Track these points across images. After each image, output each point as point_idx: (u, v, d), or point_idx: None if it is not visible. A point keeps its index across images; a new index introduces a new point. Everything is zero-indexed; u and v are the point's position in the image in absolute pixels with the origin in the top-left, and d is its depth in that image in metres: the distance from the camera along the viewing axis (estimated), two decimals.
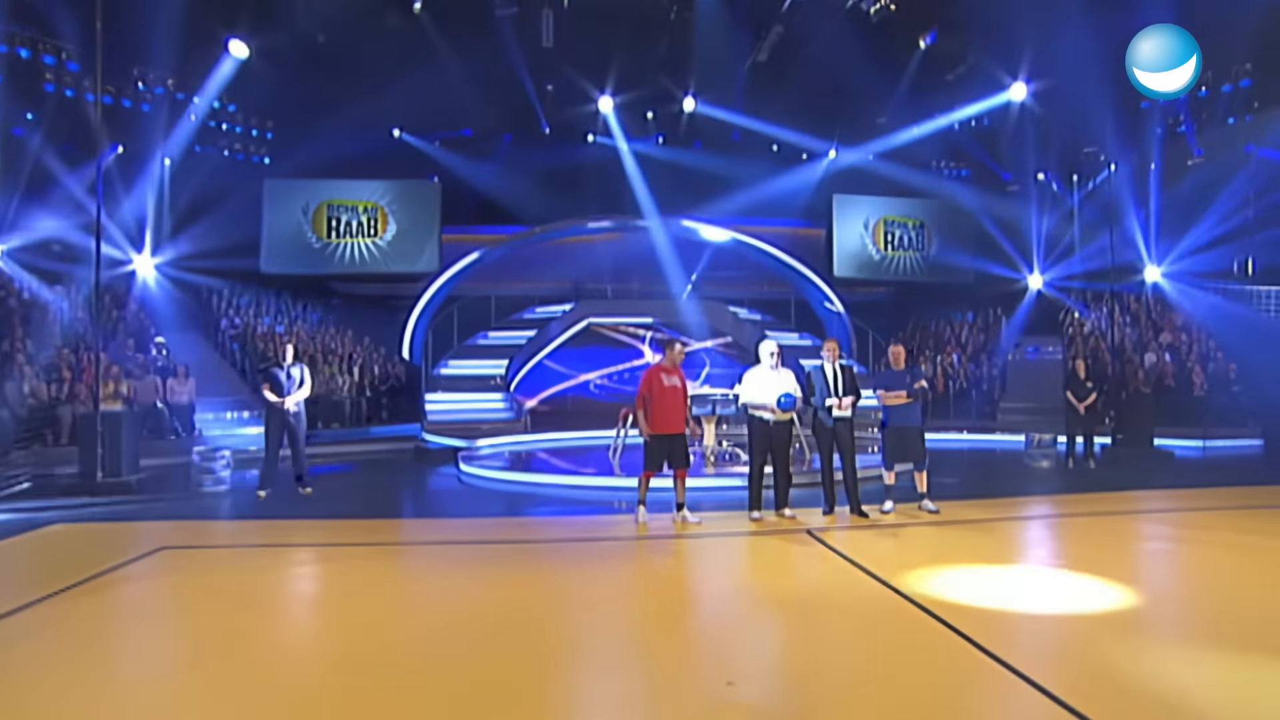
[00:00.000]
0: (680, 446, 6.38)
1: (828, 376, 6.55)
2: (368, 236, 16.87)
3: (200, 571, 5.03)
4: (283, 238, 16.28)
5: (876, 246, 18.83)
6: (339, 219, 16.64)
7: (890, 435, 6.83)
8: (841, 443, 6.52)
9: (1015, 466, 10.10)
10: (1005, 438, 12.84)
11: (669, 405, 6.34)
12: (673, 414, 6.34)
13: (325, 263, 16.67)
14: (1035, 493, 8.31)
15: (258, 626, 3.88)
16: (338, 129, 15.06)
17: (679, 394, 6.43)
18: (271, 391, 7.85)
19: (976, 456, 11.74)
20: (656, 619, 4.07)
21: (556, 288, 17.94)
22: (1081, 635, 3.69)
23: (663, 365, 6.49)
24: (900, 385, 6.77)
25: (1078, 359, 10.24)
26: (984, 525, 6.37)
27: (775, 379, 6.48)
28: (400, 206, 16.98)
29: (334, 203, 16.60)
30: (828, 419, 6.52)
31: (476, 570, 5.06)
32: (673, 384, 6.40)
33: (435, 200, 17.02)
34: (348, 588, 4.69)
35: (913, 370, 6.95)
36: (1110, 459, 10.02)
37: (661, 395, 6.34)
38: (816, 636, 3.78)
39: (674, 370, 6.48)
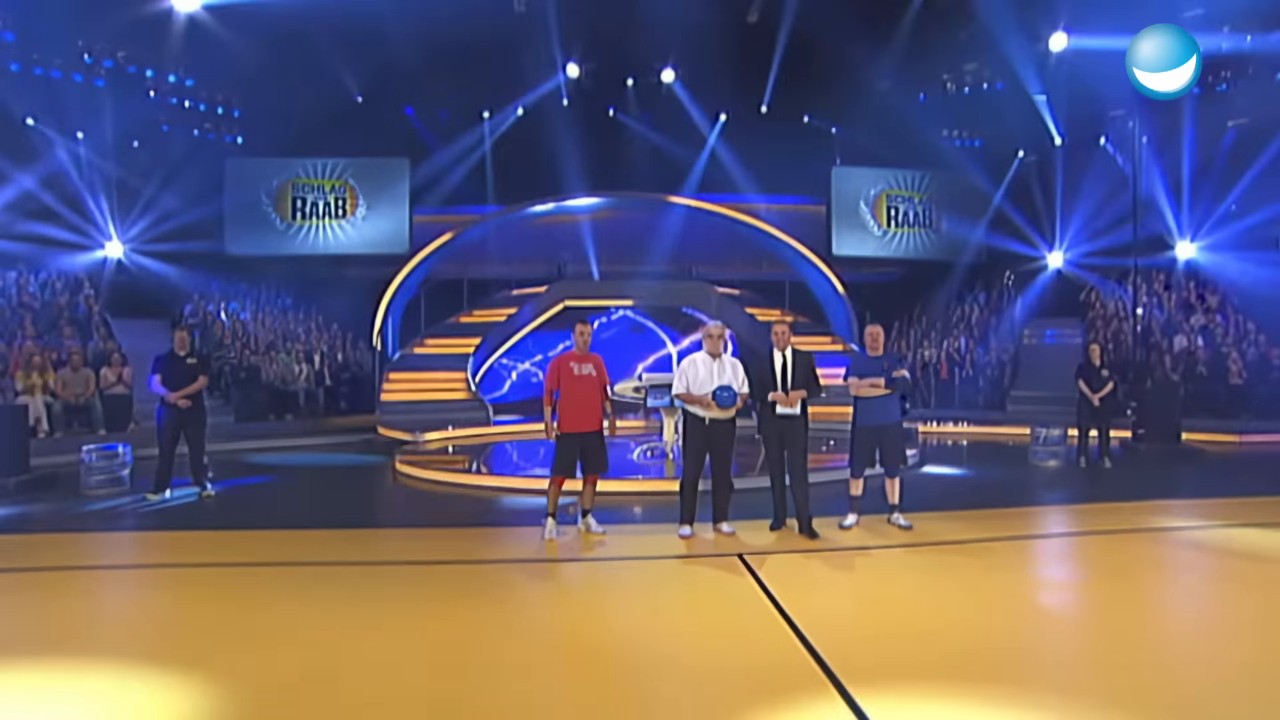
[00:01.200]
0: (596, 447, 5.34)
1: (775, 365, 5.36)
2: (336, 218, 15.94)
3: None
4: (246, 219, 15.46)
5: (878, 222, 17.38)
6: (304, 199, 15.72)
7: (861, 435, 5.61)
8: (790, 445, 5.36)
9: (1019, 465, 8.79)
10: (1013, 431, 11.50)
11: (581, 398, 5.30)
12: (586, 408, 5.32)
13: (292, 244, 15.80)
14: (1037, 500, 7.05)
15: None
16: (303, 102, 14.18)
17: (593, 385, 5.37)
18: (163, 384, 6.90)
19: (978, 452, 10.44)
20: (445, 686, 2.99)
21: (535, 270, 16.91)
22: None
23: (572, 352, 5.40)
24: (875, 373, 5.56)
25: (1091, 343, 8.83)
26: (962, 551, 5.15)
27: (716, 369, 5.33)
28: (368, 185, 16.03)
29: (298, 182, 15.68)
30: (772, 418, 5.37)
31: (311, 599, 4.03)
32: (586, 373, 5.34)
33: (404, 178, 16.01)
34: (136, 622, 3.69)
35: (890, 357, 5.72)
36: (1129, 457, 8.68)
37: (572, 387, 5.31)
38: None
39: (586, 357, 5.40)
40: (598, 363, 5.42)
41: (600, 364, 5.43)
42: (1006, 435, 11.54)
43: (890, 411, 5.61)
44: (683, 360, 5.47)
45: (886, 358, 5.68)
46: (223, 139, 16.32)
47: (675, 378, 5.49)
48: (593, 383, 5.34)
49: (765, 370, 5.40)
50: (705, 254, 17.51)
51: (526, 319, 15.14)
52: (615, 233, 17.85)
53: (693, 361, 5.42)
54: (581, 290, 15.27)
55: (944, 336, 14.82)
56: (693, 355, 5.46)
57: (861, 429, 5.63)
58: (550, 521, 5.30)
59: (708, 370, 5.36)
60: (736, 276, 16.80)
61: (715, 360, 5.38)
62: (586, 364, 5.34)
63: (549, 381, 5.35)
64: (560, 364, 5.34)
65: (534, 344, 15.72)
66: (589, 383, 5.33)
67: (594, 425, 5.32)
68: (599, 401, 5.36)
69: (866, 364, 5.66)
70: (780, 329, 5.45)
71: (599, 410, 5.36)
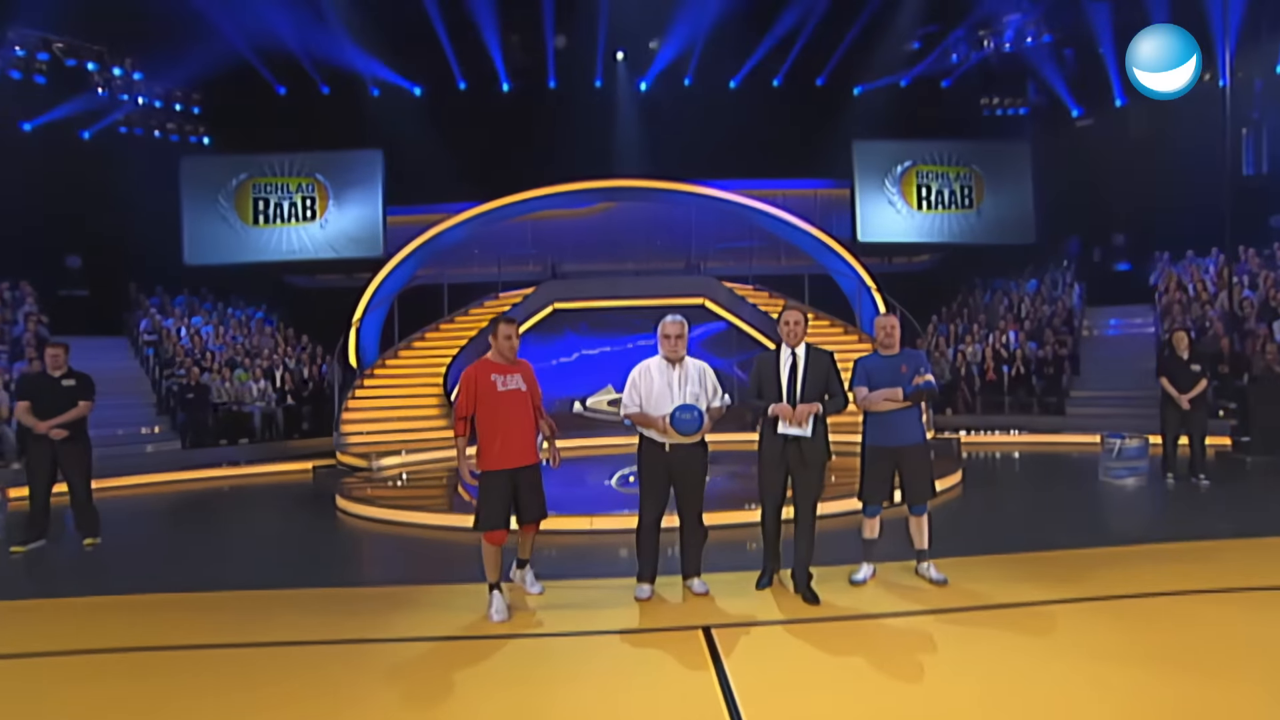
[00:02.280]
0: (531, 486, 4.14)
1: (782, 369, 4.17)
2: (304, 219, 15.11)
3: None
4: (206, 224, 14.71)
5: (906, 203, 15.93)
6: (267, 200, 14.91)
7: (874, 460, 4.39)
8: (797, 478, 4.17)
9: (1088, 486, 7.39)
10: (1076, 440, 10.08)
11: (509, 422, 4.08)
12: (516, 435, 4.10)
13: (255, 250, 14.98)
14: (1117, 536, 5.68)
15: None
16: (264, 94, 13.51)
17: (523, 403, 4.18)
18: (29, 412, 5.96)
19: (1034, 469, 9.10)
20: None
21: (526, 272, 15.96)
22: None
23: (490, 360, 4.22)
24: (891, 379, 4.35)
25: (1176, 330, 7.40)
26: (1019, 621, 3.85)
27: (676, 379, 4.19)
28: (338, 182, 15.19)
29: (259, 181, 14.88)
30: (775, 438, 4.15)
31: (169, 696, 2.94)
32: (512, 388, 4.15)
33: (376, 173, 15.13)
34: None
35: (911, 356, 4.46)
36: (1231, 472, 7.23)
37: (495, 407, 4.08)
38: None
39: (511, 366, 4.21)
40: (526, 372, 4.26)
41: (530, 373, 4.29)
42: (1068, 445, 10.12)
43: (912, 428, 4.38)
44: (633, 369, 4.29)
45: (905, 357, 4.45)
46: (187, 140, 15.67)
47: (625, 391, 4.31)
48: (522, 400, 4.16)
49: (768, 373, 4.20)
50: (715, 248, 16.58)
51: None
52: (614, 228, 17.10)
53: (645, 370, 4.26)
54: (573, 290, 14.13)
55: (989, 331, 13.39)
56: (646, 362, 4.29)
57: (874, 452, 4.40)
58: (497, 598, 4.02)
59: (664, 380, 4.20)
60: (751, 271, 15.64)
61: (675, 367, 4.22)
62: (512, 375, 4.16)
63: (461, 401, 4.11)
64: (476, 377, 4.11)
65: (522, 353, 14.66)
66: (517, 401, 4.14)
67: (527, 457, 4.13)
68: (531, 424, 4.20)
69: (879, 367, 4.42)
70: (792, 319, 4.21)
71: (532, 436, 4.20)
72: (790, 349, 4.19)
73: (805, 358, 4.19)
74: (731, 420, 5.81)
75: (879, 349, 4.50)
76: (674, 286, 14.13)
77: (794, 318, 4.21)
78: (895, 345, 4.47)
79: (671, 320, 4.24)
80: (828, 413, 4.16)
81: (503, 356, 4.19)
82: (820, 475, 4.19)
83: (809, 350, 4.20)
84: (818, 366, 4.17)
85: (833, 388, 4.20)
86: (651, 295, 13.69)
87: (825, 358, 4.23)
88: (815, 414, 4.07)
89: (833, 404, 4.18)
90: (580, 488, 7.78)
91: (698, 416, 4.03)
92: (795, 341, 4.18)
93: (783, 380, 4.14)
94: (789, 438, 4.08)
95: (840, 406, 4.18)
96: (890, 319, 4.52)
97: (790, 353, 4.19)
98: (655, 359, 4.29)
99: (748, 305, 13.78)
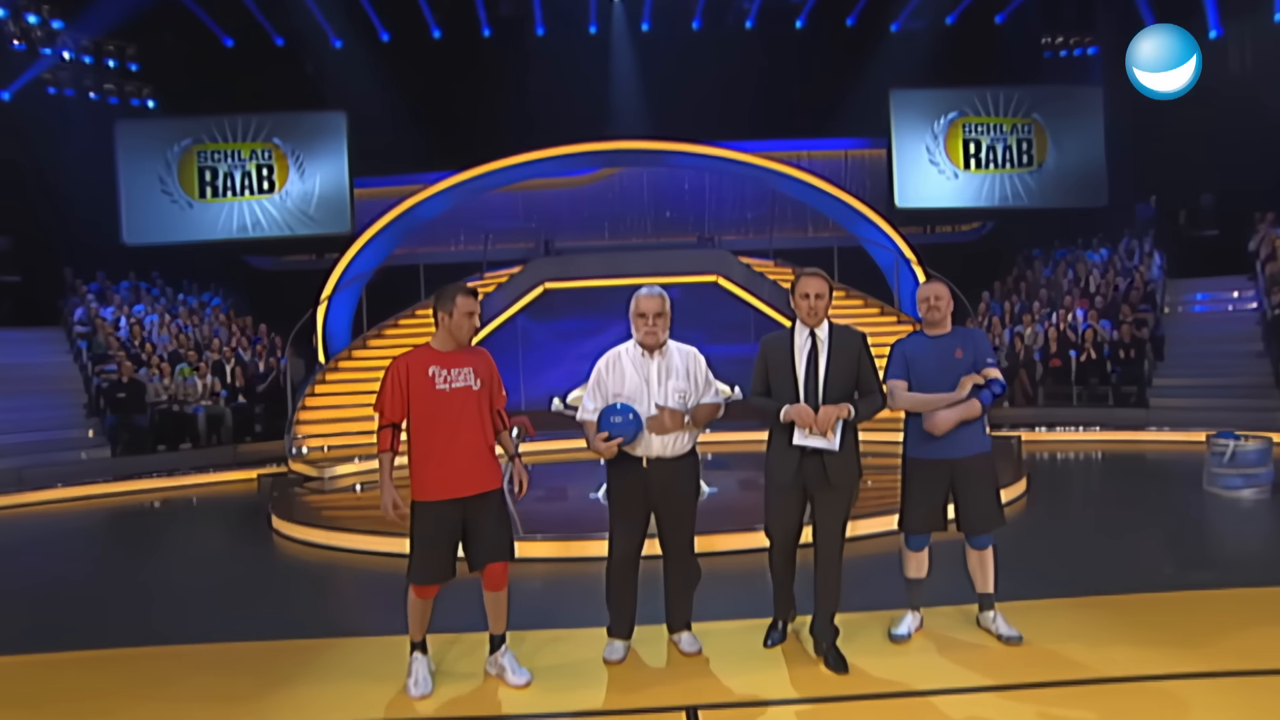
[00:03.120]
0: (489, 521, 3.27)
1: (797, 357, 3.38)
2: (261, 192, 14.42)
3: None
4: (146, 199, 14.04)
5: (950, 161, 14.91)
6: (215, 170, 14.22)
7: (919, 476, 3.59)
8: (819, 503, 3.38)
9: (1192, 497, 6.46)
10: (1165, 439, 9.14)
11: (453, 431, 3.22)
12: (462, 450, 3.23)
13: (204, 228, 14.30)
14: (1241, 568, 4.77)
15: None
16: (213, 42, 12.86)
17: (474, 407, 3.28)
18: None
19: (1117, 476, 8.21)
20: None
21: (515, 250, 15.30)
22: None
23: (431, 346, 3.33)
24: (938, 367, 3.52)
25: None
26: (1126, 702, 3.00)
27: (656, 372, 3.43)
28: (298, 147, 14.48)
29: (205, 148, 14.16)
30: (788, 451, 3.35)
31: None
32: (460, 385, 3.26)
33: (341, 138, 14.39)
34: None
35: (967, 336, 3.62)
36: None
37: (434, 411, 3.22)
38: None
39: (461, 356, 3.32)
40: (484, 364, 3.36)
41: (489, 365, 3.38)
42: (1154, 444, 9.19)
43: (971, 434, 3.54)
44: (599, 360, 3.52)
45: (959, 338, 3.61)
46: (128, 102, 15.02)
47: (587, 390, 3.55)
48: (473, 402, 3.27)
49: (779, 362, 3.40)
50: (731, 218, 16.05)
51: (496, 308, 13.29)
52: (616, 198, 16.52)
53: (614, 361, 3.50)
54: (566, 268, 13.35)
55: (1051, 309, 12.43)
56: (616, 350, 3.52)
57: (920, 466, 3.59)
58: (418, 663, 3.29)
59: (640, 375, 3.44)
60: (772, 244, 14.88)
61: (654, 356, 3.45)
62: (460, 368, 3.27)
63: (385, 401, 3.23)
64: (408, 369, 3.23)
65: (508, 341, 13.72)
66: (466, 403, 3.25)
67: (481, 481, 3.26)
68: (486, 436, 3.30)
69: (924, 352, 3.59)
70: (811, 289, 3.34)
71: (487, 452, 3.30)
72: (809, 330, 3.37)
73: (829, 341, 3.37)
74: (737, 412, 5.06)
75: (923, 328, 3.67)
76: (683, 262, 13.36)
77: (814, 287, 3.35)
78: (945, 322, 3.62)
79: (648, 294, 3.43)
80: (860, 417, 3.35)
81: (453, 341, 3.29)
82: (849, 501, 3.41)
83: (834, 331, 3.39)
84: (845, 352, 3.36)
85: (866, 382, 3.39)
86: (657, 272, 12.86)
87: (855, 340, 3.42)
88: (844, 419, 3.26)
89: (866, 405, 3.38)
90: (556, 503, 7.06)
91: (633, 421, 3.26)
92: (815, 320, 3.36)
93: (799, 372, 3.34)
94: (807, 451, 3.29)
95: (876, 407, 3.40)
96: (936, 287, 3.63)
97: (809, 335, 3.38)
98: (628, 346, 3.51)
99: (768, 283, 12.94)
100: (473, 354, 3.34)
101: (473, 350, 3.36)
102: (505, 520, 3.33)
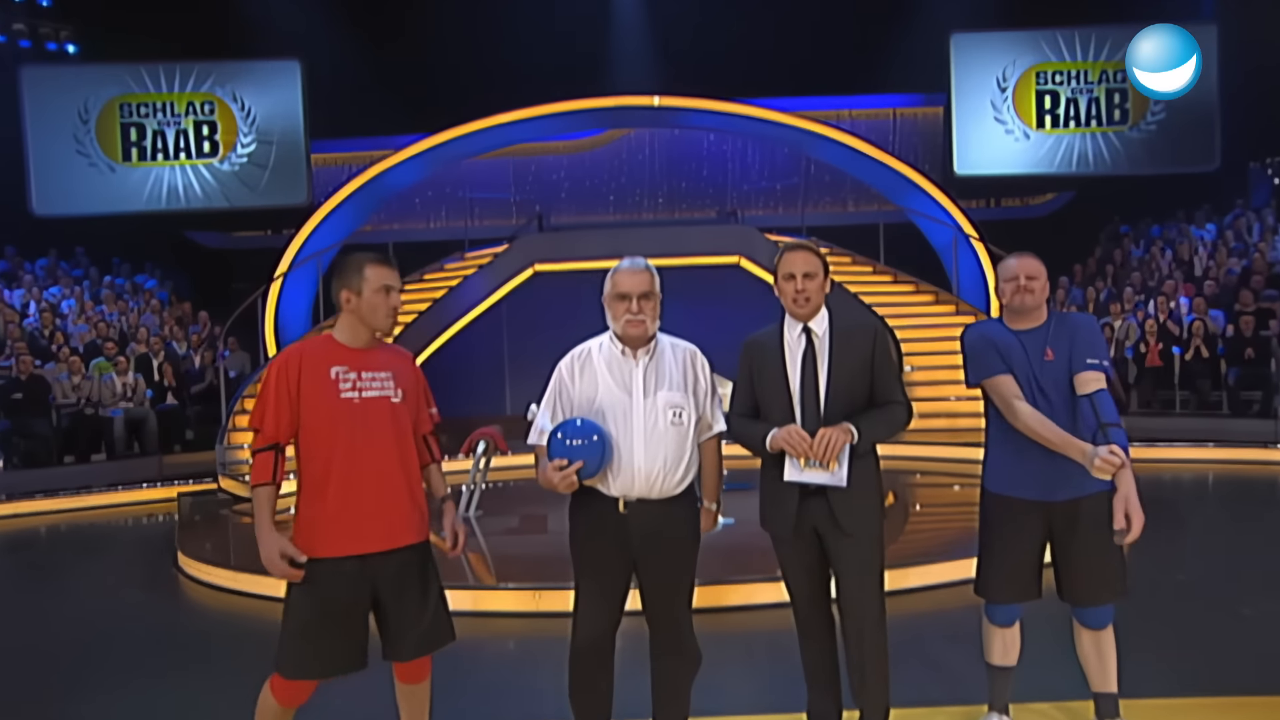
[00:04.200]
0: (407, 590, 2.62)
1: (788, 361, 2.78)
2: (202, 155, 13.64)
3: None
4: (60, 161, 13.27)
5: (1019, 119, 13.91)
6: (142, 127, 13.43)
7: (1004, 521, 2.86)
8: (835, 559, 2.77)
9: None
10: None
11: (360, 459, 2.57)
12: (368, 485, 2.57)
13: (128, 197, 13.51)
14: None
15: None
16: None
17: (392, 424, 2.62)
18: None
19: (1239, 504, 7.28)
20: None
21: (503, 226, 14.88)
22: None
23: (333, 338, 2.65)
24: (1026, 374, 2.78)
25: None
26: None
27: (639, 379, 2.76)
28: (245, 101, 13.70)
29: (129, 100, 13.36)
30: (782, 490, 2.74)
31: None
32: (374, 394, 2.60)
33: (295, 92, 13.61)
34: None
35: (1068, 327, 2.83)
36: None
37: (334, 429, 2.56)
38: None
39: (375, 353, 2.66)
40: (408, 369, 2.74)
41: (414, 372, 2.76)
42: None
43: (1080, 467, 2.67)
44: (562, 361, 2.85)
45: (1057, 330, 2.81)
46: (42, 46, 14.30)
47: (543, 401, 2.85)
48: (390, 420, 2.62)
49: (768, 373, 2.80)
50: (758, 190, 15.86)
51: (477, 294, 12.58)
52: (622, 166, 16.23)
53: (583, 361, 2.82)
54: (560, 247, 12.70)
55: (1147, 297, 11.48)
56: (586, 347, 2.83)
57: (1006, 507, 2.85)
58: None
59: (618, 381, 2.76)
60: (805, 221, 14.30)
61: (637, 357, 2.77)
62: (375, 371, 2.62)
63: (269, 413, 2.55)
64: (300, 369, 2.57)
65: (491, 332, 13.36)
66: (380, 420, 2.60)
67: (400, 533, 2.61)
68: (406, 467, 2.65)
69: (1006, 347, 2.82)
70: (797, 266, 2.75)
71: (409, 489, 2.65)
72: (801, 324, 2.77)
73: (829, 337, 2.75)
74: None
75: (1006, 312, 2.90)
76: (701, 241, 12.88)
77: (801, 264, 2.74)
78: (1038, 310, 2.82)
79: (631, 267, 2.74)
80: (871, 438, 2.70)
81: (365, 332, 2.63)
82: (874, 552, 2.76)
83: (835, 323, 2.79)
84: (852, 351, 2.74)
85: (883, 389, 2.75)
86: (670, 252, 12.16)
87: (866, 334, 2.78)
88: (850, 443, 2.61)
89: (877, 421, 2.72)
90: (533, 537, 6.38)
91: (595, 444, 2.58)
92: (808, 310, 2.75)
93: (792, 382, 2.75)
94: (806, 488, 2.66)
95: (895, 424, 2.75)
96: (1029, 263, 2.84)
97: (802, 331, 2.78)
98: (602, 342, 2.81)
99: None
100: (393, 353, 2.73)
101: (393, 349, 2.75)
102: (436, 588, 2.68)
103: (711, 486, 2.83)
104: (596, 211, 15.86)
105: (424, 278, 13.21)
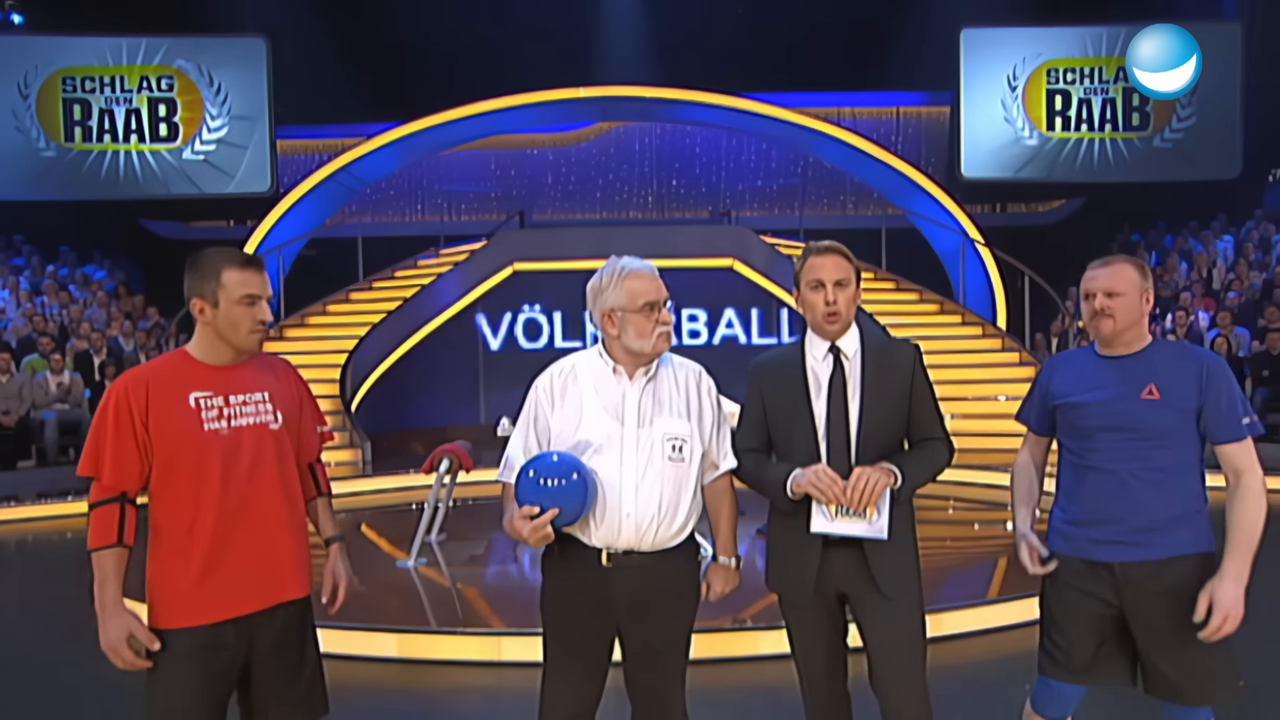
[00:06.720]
0: (282, 653, 2.22)
1: (812, 388, 2.37)
2: (157, 138, 13.09)
3: None
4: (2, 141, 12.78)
5: (1029, 120, 13.70)
6: (87, 105, 12.86)
7: (1070, 590, 2.35)
8: (867, 627, 2.35)
9: None
10: None
11: (224, 504, 2.13)
12: (242, 535, 2.15)
13: (71, 182, 13.00)
14: None
15: None
16: None
17: (268, 456, 2.20)
18: None
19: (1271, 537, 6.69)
20: None
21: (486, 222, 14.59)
22: None
23: (189, 354, 2.20)
24: (1115, 419, 2.26)
25: None
26: None
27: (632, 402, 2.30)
28: (202, 80, 13.25)
29: (74, 73, 12.74)
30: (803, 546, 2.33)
31: None
32: (246, 422, 2.18)
33: (260, 72, 13.17)
34: None
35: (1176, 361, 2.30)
36: None
37: (197, 468, 2.12)
38: None
39: (243, 372, 2.24)
40: (286, 384, 2.35)
41: (295, 385, 2.38)
42: None
43: (1174, 516, 2.32)
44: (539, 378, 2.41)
45: (1156, 363, 2.31)
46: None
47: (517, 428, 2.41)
48: (268, 450, 2.23)
49: (787, 402, 2.40)
50: (753, 189, 15.82)
51: (450, 294, 12.15)
52: (610, 161, 16.11)
53: (565, 380, 2.36)
54: (542, 245, 12.39)
55: (1164, 311, 11.13)
56: (568, 363, 2.40)
57: (1074, 571, 2.35)
58: None
59: (610, 405, 2.31)
60: (802, 222, 14.23)
61: (632, 377, 2.32)
62: (244, 393, 2.23)
63: (108, 456, 2.10)
64: (146, 397, 2.13)
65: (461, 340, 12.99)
66: (257, 452, 2.21)
67: (279, 589, 2.23)
68: (291, 509, 2.28)
69: (1086, 382, 2.37)
70: (828, 273, 2.32)
71: (291, 538, 2.26)
72: (828, 344, 2.38)
73: (861, 359, 2.37)
74: None
75: (1092, 337, 2.42)
76: (692, 242, 12.61)
77: (832, 270, 2.32)
78: (1126, 336, 2.31)
79: (645, 271, 2.30)
80: (915, 481, 2.32)
81: (227, 348, 2.22)
82: (919, 617, 2.35)
83: (867, 342, 2.41)
84: (886, 376, 2.37)
85: (922, 424, 2.40)
86: (660, 253, 11.63)
87: (906, 356, 2.40)
88: (891, 486, 2.26)
89: (921, 462, 2.36)
90: (504, 568, 5.80)
91: (575, 484, 2.15)
92: (838, 326, 2.36)
93: (817, 414, 2.35)
94: (832, 540, 2.28)
95: (940, 465, 2.40)
96: (1115, 274, 2.29)
97: (829, 351, 2.37)
98: (588, 357, 2.36)
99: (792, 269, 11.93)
100: (264, 368, 2.32)
101: (265, 360, 2.34)
102: (314, 652, 2.31)
103: (726, 536, 2.40)
104: (582, 209, 15.70)
105: (395, 274, 12.83)
